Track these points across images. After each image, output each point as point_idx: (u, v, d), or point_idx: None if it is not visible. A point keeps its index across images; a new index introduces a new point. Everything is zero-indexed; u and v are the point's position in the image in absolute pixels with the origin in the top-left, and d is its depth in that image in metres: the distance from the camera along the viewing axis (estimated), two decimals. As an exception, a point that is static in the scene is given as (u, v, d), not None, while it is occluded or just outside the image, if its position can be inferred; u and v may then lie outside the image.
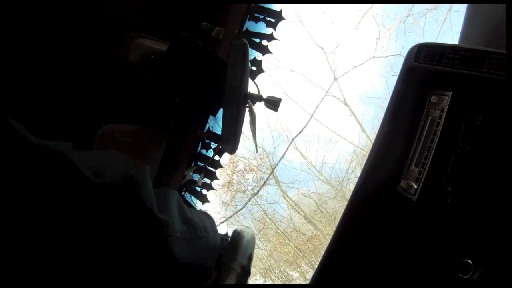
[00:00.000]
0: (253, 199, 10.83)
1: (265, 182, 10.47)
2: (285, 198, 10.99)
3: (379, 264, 1.29)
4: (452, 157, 1.12)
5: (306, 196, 11.08)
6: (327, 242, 1.41)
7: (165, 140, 1.84)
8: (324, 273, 1.39)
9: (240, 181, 11.02)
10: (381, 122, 1.31)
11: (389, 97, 1.30)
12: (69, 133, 1.78)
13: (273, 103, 1.70)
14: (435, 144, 1.14)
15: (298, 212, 10.82)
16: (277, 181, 11.05)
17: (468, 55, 1.12)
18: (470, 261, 1.03)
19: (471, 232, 1.09)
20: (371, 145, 1.41)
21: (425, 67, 1.21)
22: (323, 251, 1.41)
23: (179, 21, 1.77)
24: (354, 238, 1.34)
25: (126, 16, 1.77)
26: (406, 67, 1.25)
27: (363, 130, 9.89)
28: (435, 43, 1.22)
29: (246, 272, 1.19)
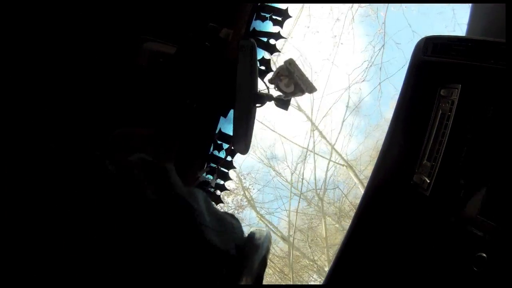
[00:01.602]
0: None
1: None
2: (261, 220, 11.05)
3: (393, 259, 1.29)
4: (463, 150, 1.11)
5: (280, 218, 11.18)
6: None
7: (177, 142, 1.85)
8: (338, 271, 1.39)
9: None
10: (391, 117, 1.31)
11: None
12: (82, 136, 1.82)
13: (283, 102, 1.71)
14: (447, 138, 1.14)
15: (274, 233, 10.83)
16: (252, 204, 11.06)
17: (475, 46, 1.11)
18: (484, 255, 1.03)
19: (485, 225, 1.08)
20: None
21: (433, 60, 1.20)
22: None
23: (187, 23, 1.78)
24: (367, 235, 1.34)
25: (134, 20, 1.78)
26: (414, 61, 1.24)
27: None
28: (442, 35, 1.20)
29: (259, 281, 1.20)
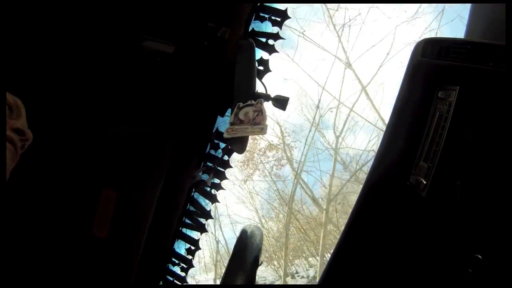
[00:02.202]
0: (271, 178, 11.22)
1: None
2: (295, 177, 11.24)
3: (389, 261, 1.29)
4: (461, 152, 1.12)
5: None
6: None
7: (173, 141, 1.85)
8: (333, 271, 1.39)
9: (260, 159, 11.33)
10: (389, 118, 1.31)
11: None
12: (79, 134, 1.82)
13: (281, 102, 1.71)
14: (444, 139, 1.14)
15: (307, 193, 11.01)
16: (289, 161, 11.23)
17: (475, 48, 1.11)
18: (480, 256, 1.03)
19: (481, 227, 1.08)
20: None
21: (432, 62, 1.20)
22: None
23: (185, 22, 1.78)
24: (363, 236, 1.34)
25: (134, 19, 1.78)
26: (413, 62, 1.25)
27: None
28: (442, 37, 1.21)
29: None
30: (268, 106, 1.73)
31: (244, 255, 1.32)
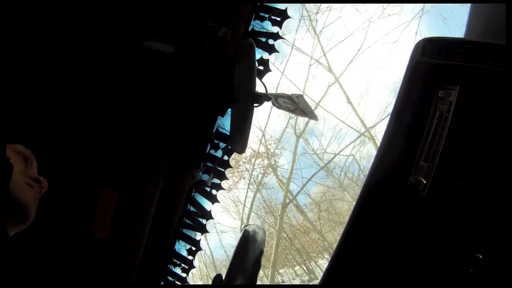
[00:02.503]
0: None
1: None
2: (279, 186, 11.23)
3: (389, 261, 1.28)
4: (461, 151, 1.11)
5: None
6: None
7: (173, 141, 1.85)
8: (334, 271, 1.38)
9: (245, 167, 11.35)
10: (389, 117, 1.30)
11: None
12: (79, 134, 1.82)
13: (278, 100, 1.71)
14: (444, 139, 1.13)
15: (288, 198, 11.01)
16: (274, 171, 11.23)
17: (474, 48, 1.11)
18: (481, 256, 1.02)
19: (482, 227, 1.08)
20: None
21: (432, 62, 1.20)
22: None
23: (185, 22, 1.78)
24: (364, 236, 1.34)
25: (134, 19, 1.78)
26: (413, 62, 1.24)
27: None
28: (441, 37, 1.20)
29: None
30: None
31: (246, 257, 1.32)
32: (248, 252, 1.26)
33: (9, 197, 1.00)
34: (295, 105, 1.69)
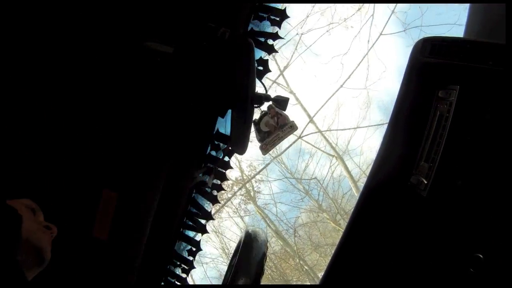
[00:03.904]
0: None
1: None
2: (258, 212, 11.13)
3: (390, 261, 1.29)
4: (461, 151, 1.11)
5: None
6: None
7: (174, 142, 1.85)
8: (334, 271, 1.39)
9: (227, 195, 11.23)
10: (389, 118, 1.31)
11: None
12: (80, 135, 1.81)
13: (281, 103, 1.71)
14: (444, 139, 1.14)
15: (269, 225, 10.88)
16: (251, 198, 11.11)
17: (474, 48, 1.11)
18: (481, 256, 1.03)
19: (482, 226, 1.08)
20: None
21: (431, 62, 1.20)
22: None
23: (185, 23, 1.78)
24: (364, 236, 1.34)
25: (134, 19, 1.78)
26: (412, 62, 1.24)
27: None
28: (441, 36, 1.21)
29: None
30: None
31: (248, 259, 1.32)
32: (250, 254, 1.26)
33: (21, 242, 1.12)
34: (273, 130, 1.68)
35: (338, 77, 9.95)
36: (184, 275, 2.26)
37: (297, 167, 11.39)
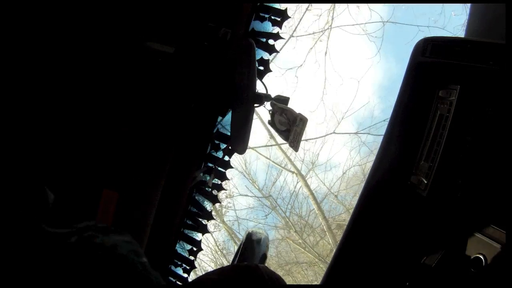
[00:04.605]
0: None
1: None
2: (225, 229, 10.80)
3: (390, 260, 1.29)
4: (461, 151, 1.11)
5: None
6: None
7: (174, 142, 1.85)
8: (335, 271, 1.38)
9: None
10: (390, 117, 1.30)
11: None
12: (80, 134, 1.82)
13: (282, 102, 1.71)
14: (444, 139, 1.13)
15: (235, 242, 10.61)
16: (219, 215, 10.85)
17: (475, 47, 1.10)
18: (481, 256, 1.02)
19: (483, 226, 1.08)
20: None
21: (432, 61, 1.20)
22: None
23: (186, 23, 1.78)
24: (364, 235, 1.34)
25: (135, 20, 1.78)
26: (413, 62, 1.24)
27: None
28: (442, 36, 1.21)
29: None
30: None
31: (250, 259, 1.32)
32: (251, 254, 1.26)
33: None
34: (289, 126, 1.67)
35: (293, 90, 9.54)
36: (185, 275, 2.26)
37: (266, 183, 10.99)
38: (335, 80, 9.91)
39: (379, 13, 8.08)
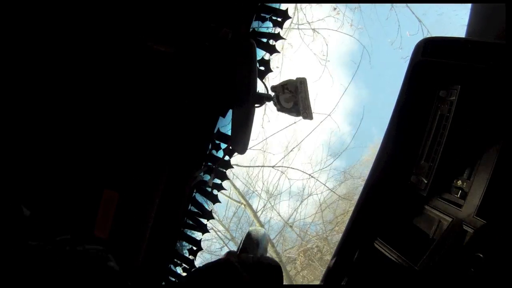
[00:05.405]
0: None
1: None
2: None
3: (390, 259, 1.29)
4: (461, 151, 1.11)
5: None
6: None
7: (175, 141, 1.85)
8: (335, 271, 1.39)
9: None
10: (390, 118, 1.31)
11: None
12: (80, 134, 1.82)
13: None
14: (445, 139, 1.14)
15: None
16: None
17: (475, 47, 1.11)
18: (481, 256, 1.03)
19: (483, 226, 1.08)
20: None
21: (432, 61, 1.20)
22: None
23: (187, 23, 1.78)
24: (365, 235, 1.34)
25: (136, 20, 1.78)
26: (414, 62, 1.24)
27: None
28: (442, 36, 1.21)
29: None
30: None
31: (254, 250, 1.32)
32: (251, 253, 1.26)
33: None
34: (295, 98, 1.65)
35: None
36: (185, 275, 2.26)
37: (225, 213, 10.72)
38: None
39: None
